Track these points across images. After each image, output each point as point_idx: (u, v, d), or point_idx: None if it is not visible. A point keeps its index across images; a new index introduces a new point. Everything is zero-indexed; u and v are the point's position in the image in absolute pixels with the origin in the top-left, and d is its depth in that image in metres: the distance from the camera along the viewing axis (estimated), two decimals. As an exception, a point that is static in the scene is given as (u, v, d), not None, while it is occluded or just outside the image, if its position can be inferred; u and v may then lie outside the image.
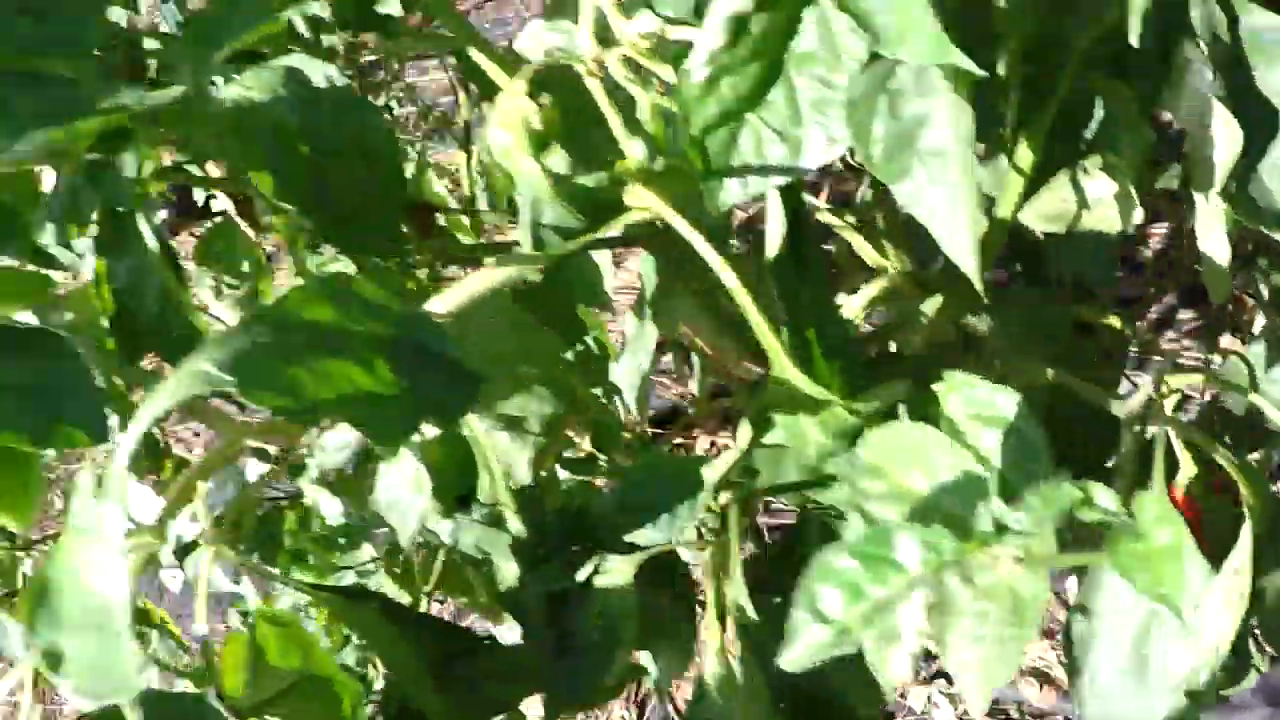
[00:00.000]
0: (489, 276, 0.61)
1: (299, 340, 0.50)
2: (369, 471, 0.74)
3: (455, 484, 0.59)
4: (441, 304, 0.60)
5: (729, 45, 0.56)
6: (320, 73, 0.61)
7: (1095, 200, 0.68)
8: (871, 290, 0.73)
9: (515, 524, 0.60)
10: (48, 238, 0.66)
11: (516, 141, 0.55)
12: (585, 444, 0.80)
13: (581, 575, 0.65)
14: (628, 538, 0.65)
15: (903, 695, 1.54)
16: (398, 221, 0.62)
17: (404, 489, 0.59)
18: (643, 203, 0.59)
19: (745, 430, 0.59)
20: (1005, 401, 0.58)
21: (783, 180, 0.60)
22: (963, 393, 0.59)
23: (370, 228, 0.60)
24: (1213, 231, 0.64)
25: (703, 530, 0.68)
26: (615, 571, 0.64)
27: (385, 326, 0.52)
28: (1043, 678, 1.51)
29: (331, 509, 0.84)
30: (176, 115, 0.63)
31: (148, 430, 0.46)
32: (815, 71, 0.58)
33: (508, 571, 0.61)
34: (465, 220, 0.98)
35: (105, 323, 0.68)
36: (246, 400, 0.48)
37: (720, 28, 0.56)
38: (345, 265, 0.72)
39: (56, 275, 0.68)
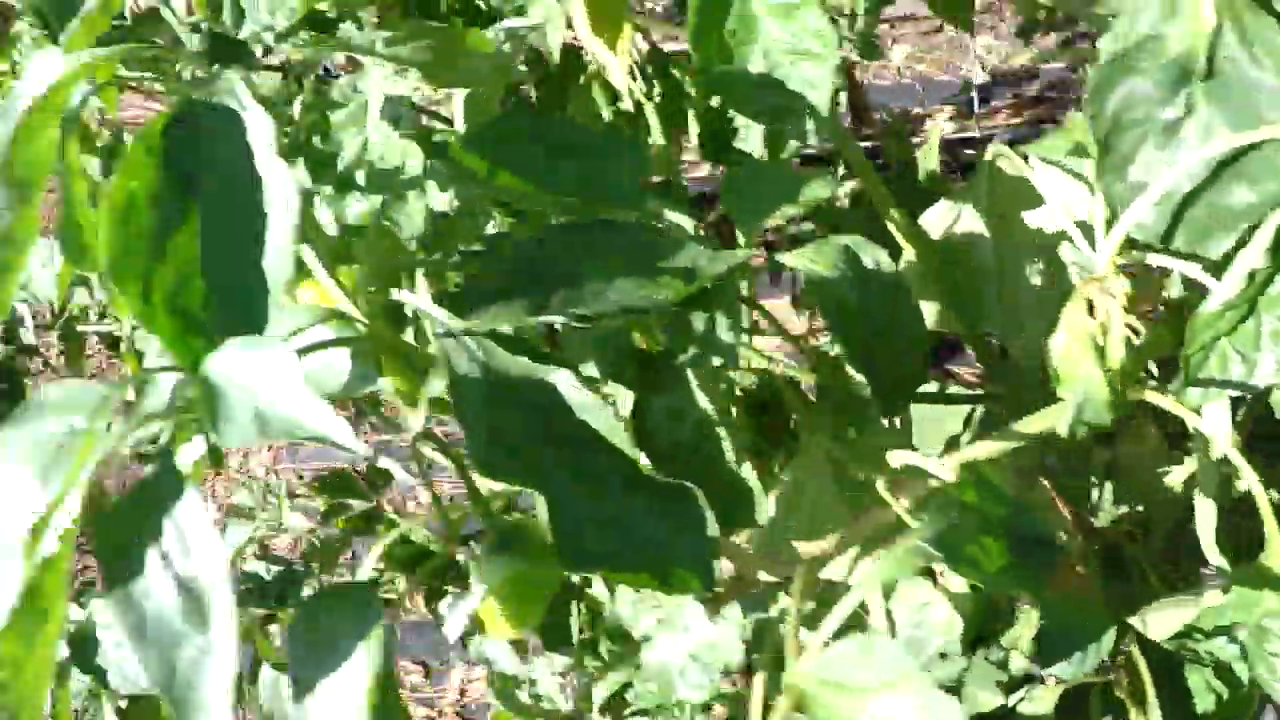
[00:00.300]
0: (993, 448, 0.73)
1: (971, 522, 0.60)
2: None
3: (979, 627, 0.70)
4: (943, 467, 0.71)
5: (1242, 290, 0.69)
6: (870, 255, 0.71)
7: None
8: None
9: (1019, 661, 0.71)
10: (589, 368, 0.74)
11: (1080, 351, 0.67)
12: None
13: (1011, 701, 0.76)
14: (1044, 671, 0.77)
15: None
16: (917, 396, 0.72)
17: (933, 630, 0.69)
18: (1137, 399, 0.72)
19: (1216, 596, 0.72)
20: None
21: (1235, 393, 0.73)
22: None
23: (903, 398, 0.71)
24: None
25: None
26: (1039, 700, 0.76)
27: (1002, 508, 0.63)
28: None
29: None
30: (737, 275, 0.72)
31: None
32: (1277, 311, 0.72)
33: (984, 701, 0.72)
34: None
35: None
36: (954, 573, 0.58)
37: (1240, 280, 0.69)
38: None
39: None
